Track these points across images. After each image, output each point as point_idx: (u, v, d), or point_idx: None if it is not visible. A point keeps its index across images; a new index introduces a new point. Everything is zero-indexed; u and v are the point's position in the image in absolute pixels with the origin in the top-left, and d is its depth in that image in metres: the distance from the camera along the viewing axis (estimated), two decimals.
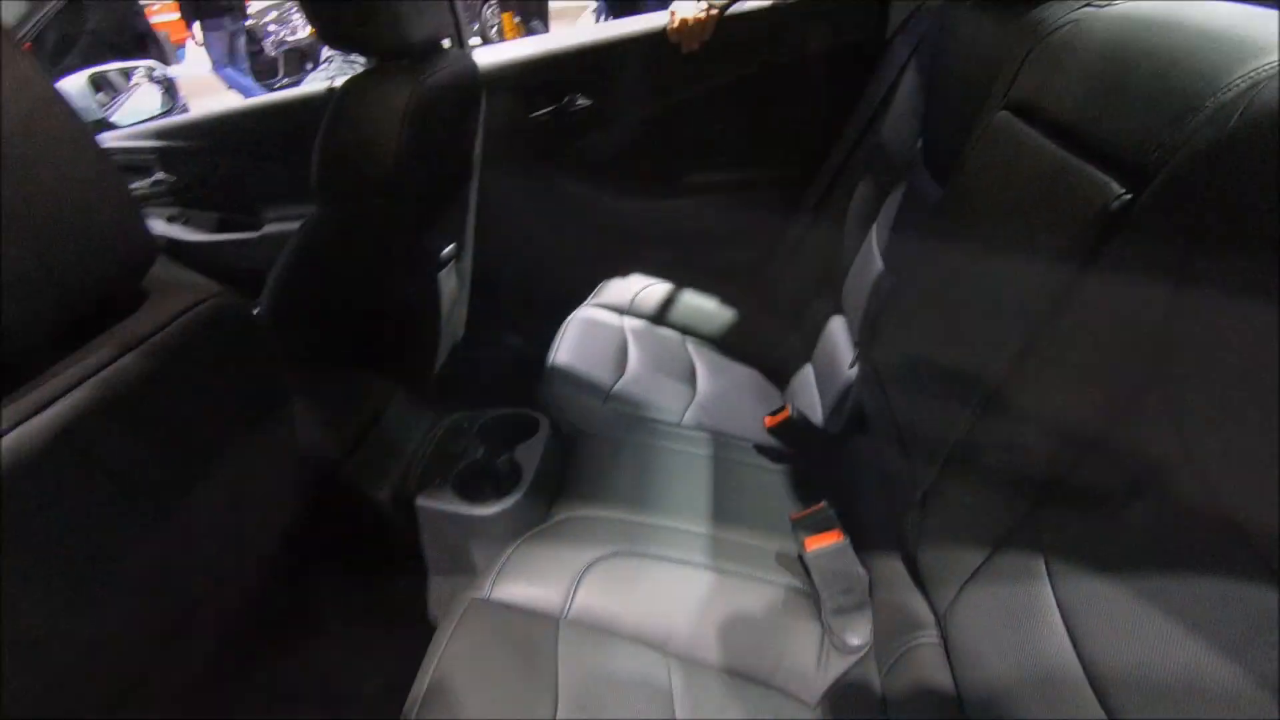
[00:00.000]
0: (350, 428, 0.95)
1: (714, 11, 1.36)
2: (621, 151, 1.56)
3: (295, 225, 1.59)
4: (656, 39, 1.41)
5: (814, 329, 1.34)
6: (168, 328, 0.51)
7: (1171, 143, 0.51)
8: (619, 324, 1.39)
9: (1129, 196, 0.54)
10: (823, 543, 0.83)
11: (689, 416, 1.20)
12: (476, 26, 7.01)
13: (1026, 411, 0.61)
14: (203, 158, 1.66)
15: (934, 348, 0.76)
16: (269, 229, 1.69)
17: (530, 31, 5.51)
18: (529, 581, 0.81)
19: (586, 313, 1.39)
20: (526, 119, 1.52)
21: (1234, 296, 0.43)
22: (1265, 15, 0.56)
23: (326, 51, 4.95)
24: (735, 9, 1.39)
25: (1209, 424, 0.45)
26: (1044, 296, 0.60)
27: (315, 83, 1.64)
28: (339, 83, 1.53)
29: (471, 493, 0.93)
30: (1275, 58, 0.48)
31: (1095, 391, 0.55)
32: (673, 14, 1.38)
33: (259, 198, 1.70)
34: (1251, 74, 0.48)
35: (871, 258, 1.17)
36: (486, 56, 1.48)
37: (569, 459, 1.02)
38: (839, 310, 1.30)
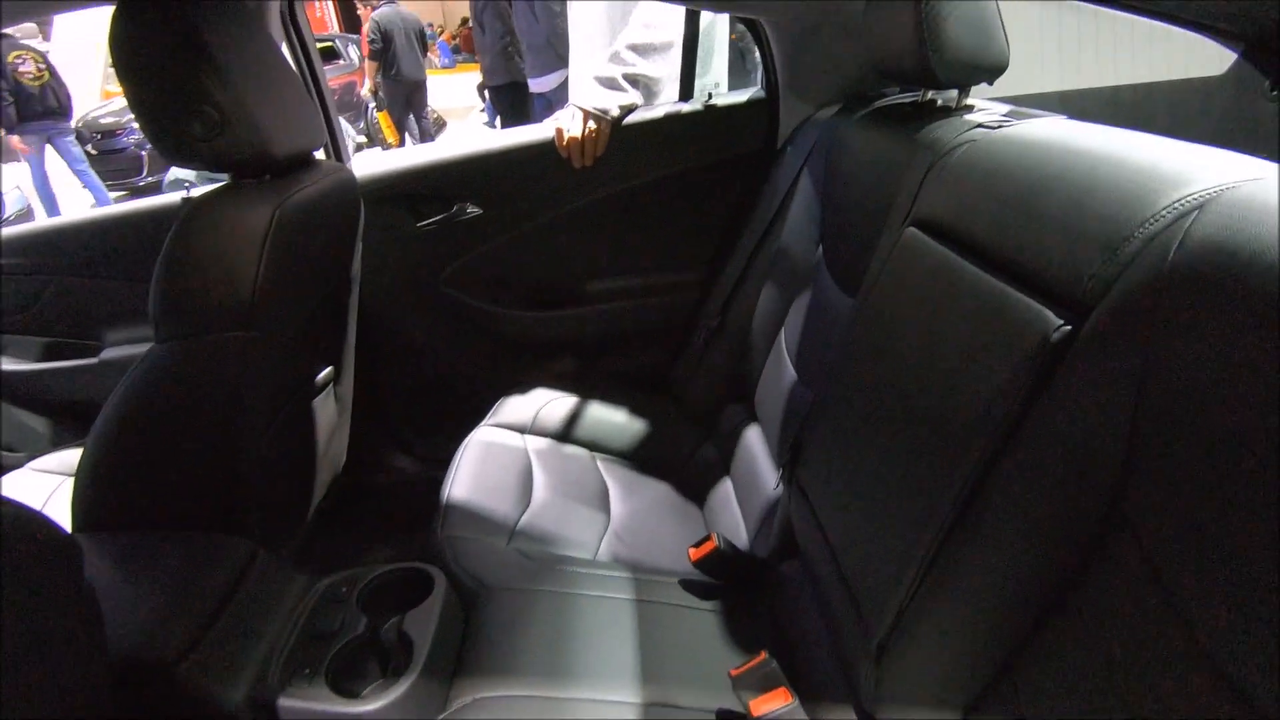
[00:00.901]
0: (195, 610, 0.77)
1: (604, 126, 1.35)
2: (515, 260, 1.49)
3: (143, 349, 1.41)
4: (548, 147, 1.38)
5: (729, 438, 1.28)
6: None
7: (1105, 274, 0.49)
8: (521, 445, 1.27)
9: (1069, 328, 0.51)
10: (770, 705, 0.73)
11: (604, 549, 1.09)
12: (362, 125, 6.99)
13: (984, 560, 0.56)
14: (29, 277, 1.44)
15: (870, 480, 0.71)
16: (109, 354, 1.48)
17: (405, 132, 5.57)
18: None
19: (484, 434, 1.27)
20: (413, 229, 1.42)
21: (1194, 428, 0.40)
22: (1165, 144, 0.56)
23: None
24: (628, 119, 1.38)
25: (1183, 569, 0.41)
26: (989, 431, 0.55)
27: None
28: (196, 192, 1.41)
29: (351, 680, 0.77)
30: (1195, 189, 0.47)
31: (1057, 534, 0.50)
32: (559, 131, 1.35)
33: (99, 319, 1.49)
34: (1177, 205, 0.47)
35: (783, 365, 1.14)
36: (369, 166, 1.39)
37: (470, 623, 0.87)
38: (753, 417, 1.26)
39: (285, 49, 1.26)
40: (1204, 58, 1.11)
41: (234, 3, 0.88)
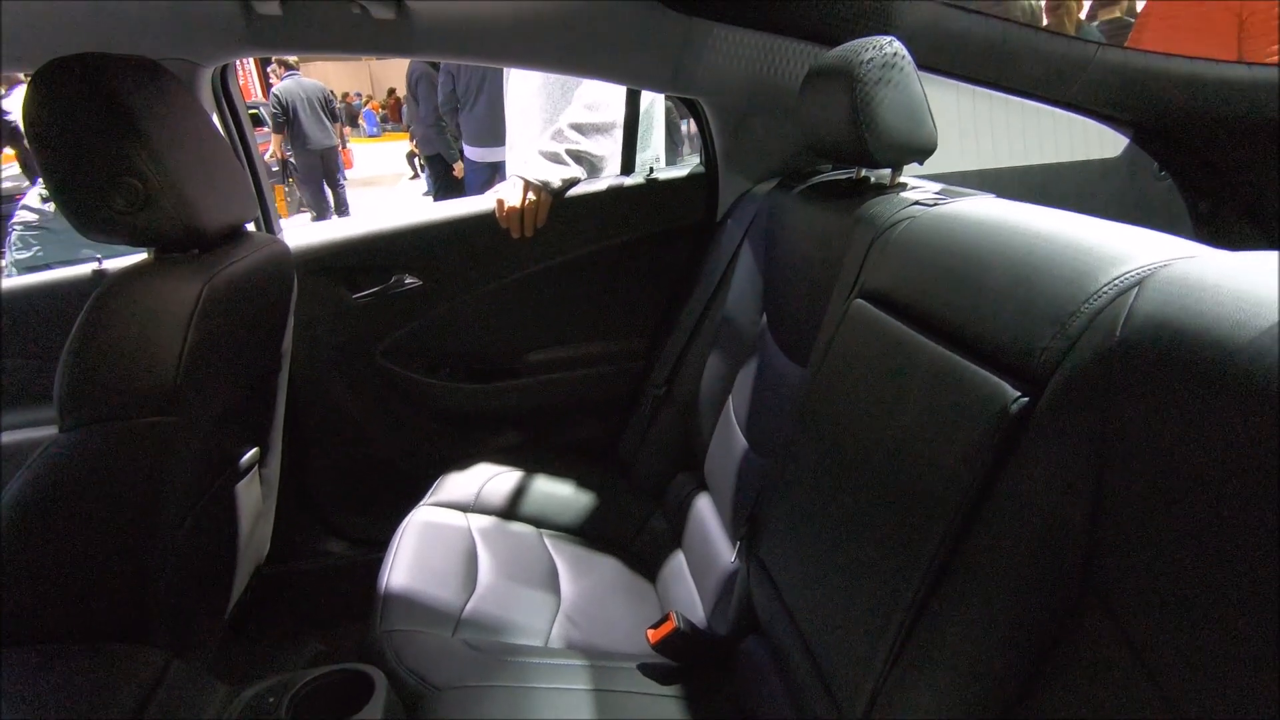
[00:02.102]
0: None
1: (544, 198, 1.35)
2: (456, 331, 1.45)
3: (44, 433, 1.28)
4: (488, 218, 1.37)
5: (679, 509, 1.26)
6: None
7: (1056, 347, 0.51)
8: (464, 524, 1.21)
9: (1026, 400, 0.52)
10: None
11: (556, 633, 1.03)
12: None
13: (958, 635, 0.55)
14: None
15: (834, 555, 0.70)
16: (2, 439, 1.34)
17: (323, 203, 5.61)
18: None
19: (424, 514, 1.21)
20: (349, 300, 1.38)
21: (1156, 496, 0.41)
22: (1097, 223, 0.60)
23: None
24: (570, 192, 1.39)
25: (1155, 635, 0.41)
26: (955, 504, 0.55)
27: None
28: (109, 265, 1.32)
29: None
30: (1132, 267, 0.50)
31: (1030, 606, 0.50)
32: (499, 202, 1.35)
33: None
34: (1116, 282, 0.49)
35: (732, 432, 1.14)
36: (303, 237, 1.35)
37: None
38: (703, 486, 1.24)
39: (216, 118, 1.23)
40: (1101, 142, 1.22)
41: (161, 70, 0.85)
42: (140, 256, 0.88)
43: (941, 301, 0.65)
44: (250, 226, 1.13)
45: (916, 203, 0.82)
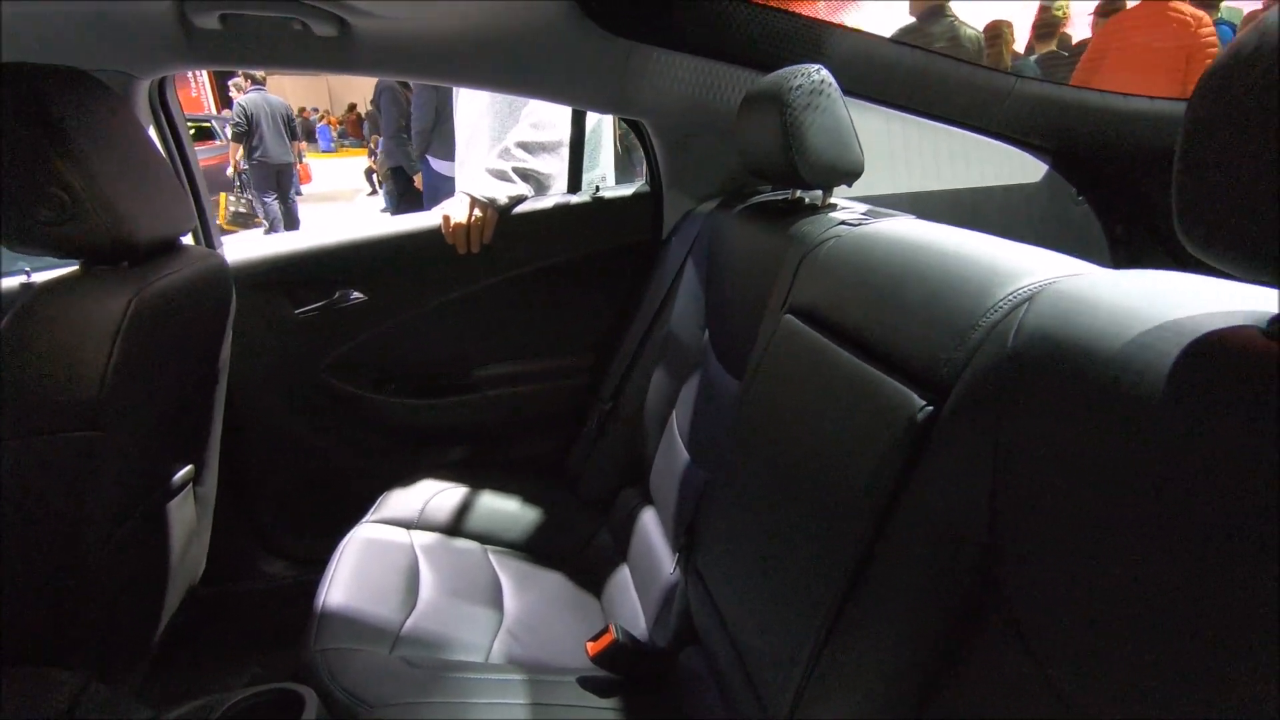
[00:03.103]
0: None
1: (490, 214, 1.36)
2: (401, 347, 1.45)
3: None
4: (435, 234, 1.37)
5: (624, 523, 1.27)
6: None
7: (957, 358, 0.54)
8: (406, 541, 1.20)
9: (931, 409, 0.55)
10: None
11: (498, 649, 1.03)
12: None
13: (872, 639, 0.57)
14: None
15: (762, 564, 0.72)
16: None
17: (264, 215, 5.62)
18: None
19: (365, 532, 1.19)
20: (292, 316, 1.36)
21: (1046, 502, 0.43)
22: (1003, 243, 0.63)
23: None
24: (518, 209, 1.41)
25: (1048, 637, 0.43)
26: (867, 511, 0.58)
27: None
28: (39, 277, 1.29)
29: None
30: (1026, 283, 0.53)
31: (936, 610, 0.52)
32: (446, 218, 1.36)
33: None
34: (1011, 297, 0.53)
35: (675, 446, 1.16)
36: (243, 251, 1.33)
37: None
38: (648, 500, 1.26)
39: (154, 131, 1.21)
40: (1024, 168, 1.29)
41: (92, 81, 0.84)
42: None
43: (861, 315, 0.68)
44: (189, 239, 1.12)
45: (843, 223, 0.85)
